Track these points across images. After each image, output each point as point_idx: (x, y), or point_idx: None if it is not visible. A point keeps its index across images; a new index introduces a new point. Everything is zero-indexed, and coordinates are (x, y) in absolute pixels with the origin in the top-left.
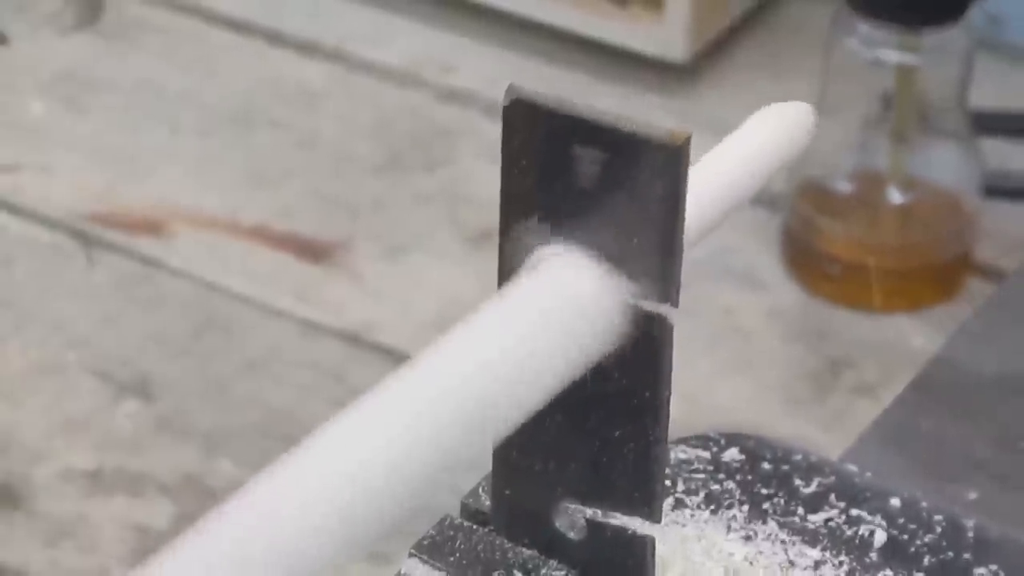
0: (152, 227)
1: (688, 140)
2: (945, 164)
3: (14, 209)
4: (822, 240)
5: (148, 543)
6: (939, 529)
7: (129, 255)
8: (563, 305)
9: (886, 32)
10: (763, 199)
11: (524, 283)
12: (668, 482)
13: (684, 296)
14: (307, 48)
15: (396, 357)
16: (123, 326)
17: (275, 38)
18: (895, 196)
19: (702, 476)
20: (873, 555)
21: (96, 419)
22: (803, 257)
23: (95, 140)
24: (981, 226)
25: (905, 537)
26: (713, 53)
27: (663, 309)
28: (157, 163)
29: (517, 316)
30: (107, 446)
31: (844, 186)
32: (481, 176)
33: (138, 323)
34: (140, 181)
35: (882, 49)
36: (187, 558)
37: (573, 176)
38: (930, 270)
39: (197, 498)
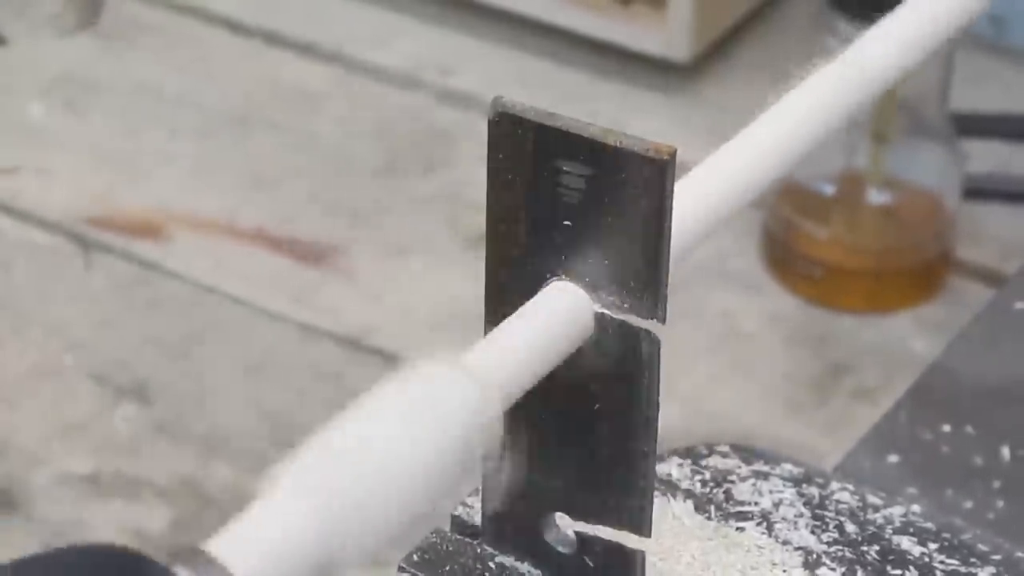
0: (150, 230)
1: (674, 155)
2: (926, 164)
3: (12, 212)
4: (803, 242)
5: (145, 546)
6: (935, 539)
7: (127, 258)
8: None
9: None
10: (765, 202)
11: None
12: (659, 495)
13: (683, 299)
14: (306, 49)
15: (394, 360)
16: (121, 329)
17: (274, 39)
18: (876, 197)
19: (693, 487)
20: (866, 567)
21: (94, 423)
22: (783, 259)
23: (94, 142)
24: (962, 225)
25: (898, 547)
26: (715, 53)
27: (650, 325)
28: (155, 166)
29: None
30: (104, 450)
31: (825, 187)
32: (480, 179)
33: (136, 326)
34: (138, 184)
35: None
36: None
37: (559, 190)
38: (911, 270)
39: (194, 502)
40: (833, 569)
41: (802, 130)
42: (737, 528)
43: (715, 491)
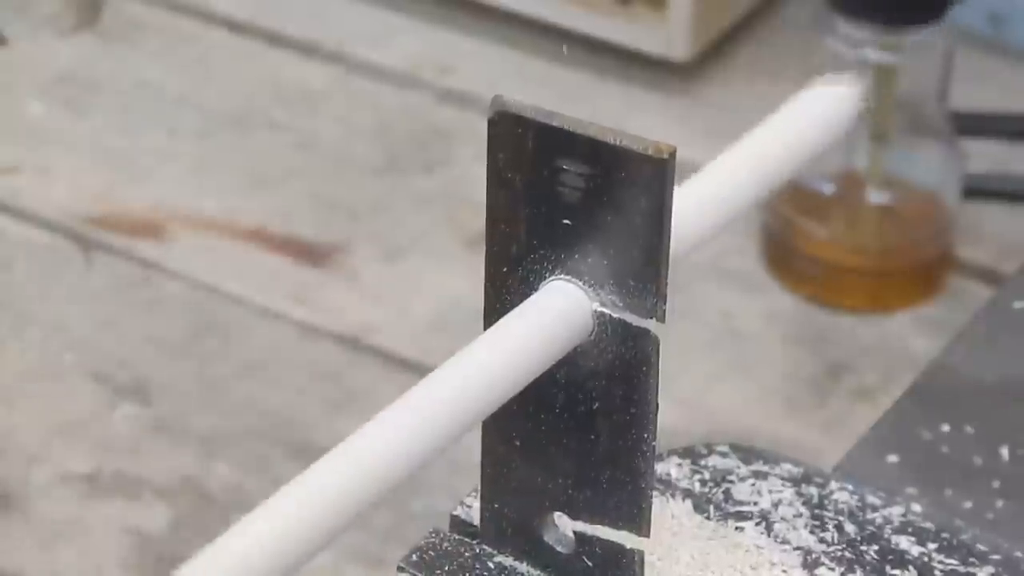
0: (150, 229)
1: (673, 154)
2: (925, 163)
3: (12, 211)
4: (802, 241)
5: (145, 547)
6: (934, 539)
7: (127, 257)
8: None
9: (867, 32)
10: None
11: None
12: (658, 494)
13: (681, 299)
14: (306, 49)
15: (394, 360)
16: (121, 329)
17: (274, 39)
18: (875, 196)
19: (692, 487)
20: (865, 567)
21: (93, 422)
22: (783, 258)
23: (94, 141)
24: (962, 225)
25: (897, 547)
26: (715, 52)
27: (649, 324)
28: (156, 165)
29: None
30: (104, 449)
31: (824, 186)
32: (480, 178)
33: (136, 326)
34: (139, 183)
35: (864, 49)
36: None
37: (559, 189)
38: (911, 270)
39: (194, 502)
40: (832, 569)
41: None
42: (736, 528)
43: (714, 491)
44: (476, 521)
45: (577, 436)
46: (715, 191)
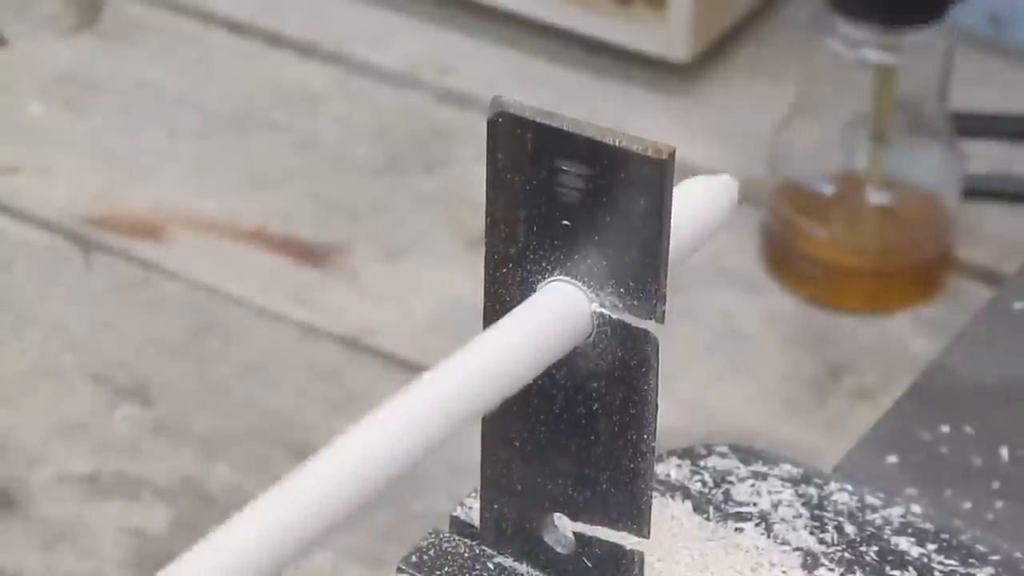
0: (150, 230)
1: (673, 155)
2: (925, 164)
3: (12, 211)
4: (802, 241)
5: (145, 547)
6: (933, 540)
7: (127, 258)
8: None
9: (867, 32)
10: (765, 201)
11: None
12: (657, 495)
13: (681, 299)
14: (306, 49)
15: (394, 361)
16: (121, 329)
17: (274, 40)
18: (875, 197)
19: (692, 488)
20: (865, 568)
21: (93, 423)
22: (783, 259)
23: (94, 142)
24: (962, 225)
25: (897, 547)
26: (715, 53)
27: (649, 325)
28: (156, 165)
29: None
30: (104, 450)
31: (824, 187)
32: (480, 178)
33: (136, 326)
34: (139, 183)
35: (863, 49)
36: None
37: (558, 190)
38: (911, 270)
39: (194, 502)
40: (832, 570)
41: None
42: (736, 529)
43: (714, 492)
44: (476, 522)
45: (577, 437)
46: None
